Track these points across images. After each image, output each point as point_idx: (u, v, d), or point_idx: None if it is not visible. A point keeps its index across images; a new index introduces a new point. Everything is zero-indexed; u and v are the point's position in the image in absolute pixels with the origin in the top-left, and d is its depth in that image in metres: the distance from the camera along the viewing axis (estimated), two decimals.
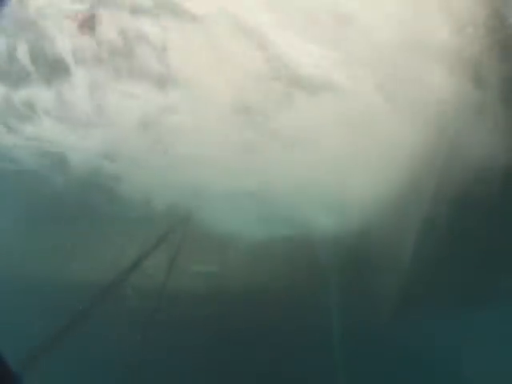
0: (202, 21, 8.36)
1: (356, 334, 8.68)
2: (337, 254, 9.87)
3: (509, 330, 8.13)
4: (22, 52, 8.91)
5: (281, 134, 8.99)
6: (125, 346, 8.35)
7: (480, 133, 7.74)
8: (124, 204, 9.36)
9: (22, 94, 9.23)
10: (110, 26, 8.53)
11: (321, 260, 10.30)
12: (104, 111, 9.04)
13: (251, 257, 10.25)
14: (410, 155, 8.44)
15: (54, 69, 8.97)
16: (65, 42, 8.75)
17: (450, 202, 7.85)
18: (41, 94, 9.18)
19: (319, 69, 8.41)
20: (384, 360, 8.46)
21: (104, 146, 9.30)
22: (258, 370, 8.79)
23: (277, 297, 9.67)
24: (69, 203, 9.58)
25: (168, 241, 9.14)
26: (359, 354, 8.55)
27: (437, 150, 8.09)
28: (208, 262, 10.32)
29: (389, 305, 8.86)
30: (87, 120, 9.21)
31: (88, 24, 8.57)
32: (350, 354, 8.68)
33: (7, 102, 9.24)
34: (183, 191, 9.43)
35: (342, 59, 8.18)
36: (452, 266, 8.18)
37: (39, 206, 9.72)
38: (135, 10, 8.49)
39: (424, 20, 7.61)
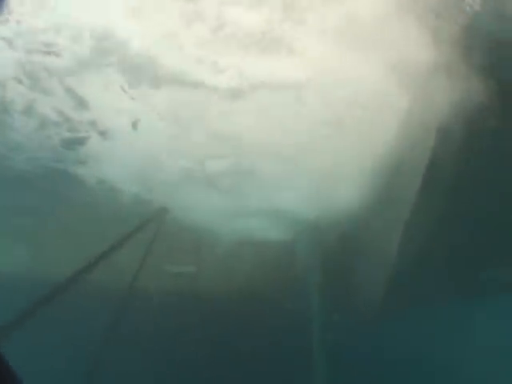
0: None
1: (337, 334, 8.32)
2: (318, 254, 9.62)
3: (495, 326, 7.96)
4: None
5: None
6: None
7: None
8: None
9: None
10: None
11: (300, 260, 10.02)
12: None
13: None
14: None
15: None
16: None
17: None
18: None
19: None
20: (366, 363, 8.10)
21: None
22: (237, 369, 8.25)
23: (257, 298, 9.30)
24: None
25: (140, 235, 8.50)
26: (340, 354, 8.17)
27: None
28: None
29: (373, 305, 8.54)
30: None
31: None
32: (330, 356, 8.32)
33: None
34: None
35: None
36: (434, 264, 7.97)
37: None
38: None
39: None
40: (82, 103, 8.28)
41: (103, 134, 8.66)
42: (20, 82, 7.94)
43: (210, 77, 7.89)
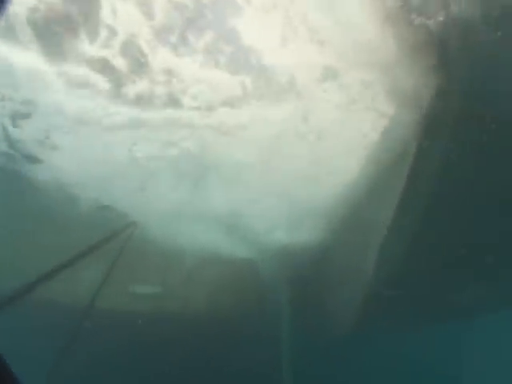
0: None
1: (308, 352, 8.11)
2: (288, 271, 9.45)
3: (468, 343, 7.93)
4: None
5: None
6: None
7: None
8: None
9: None
10: None
11: (266, 280, 9.80)
12: None
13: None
14: None
15: None
16: None
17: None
18: None
19: None
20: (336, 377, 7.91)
21: None
22: None
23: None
24: None
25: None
26: (311, 371, 7.95)
27: None
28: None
29: (344, 321, 8.37)
30: None
31: None
32: (301, 372, 8.08)
33: None
34: None
35: None
36: (410, 282, 7.89)
37: None
38: None
39: None
40: None
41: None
42: None
43: None
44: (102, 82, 7.15)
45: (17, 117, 7.57)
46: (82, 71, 6.94)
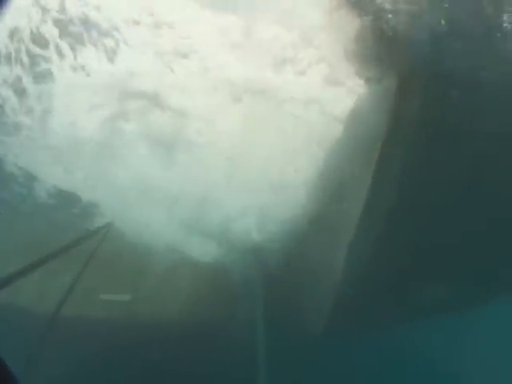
0: None
1: (281, 355, 8.04)
2: (257, 276, 9.40)
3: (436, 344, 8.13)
4: None
5: None
6: None
7: None
8: None
9: None
10: None
11: (239, 282, 9.73)
12: None
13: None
14: None
15: None
16: None
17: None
18: None
19: None
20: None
21: None
22: None
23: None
24: None
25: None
26: (281, 376, 7.89)
27: None
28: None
29: (317, 324, 8.40)
30: None
31: None
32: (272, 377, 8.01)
33: None
34: None
35: None
36: (379, 283, 8.02)
37: None
38: None
39: None
40: None
41: None
42: None
43: None
44: None
45: None
46: None
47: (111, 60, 8.46)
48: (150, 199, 9.36)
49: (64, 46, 8.23)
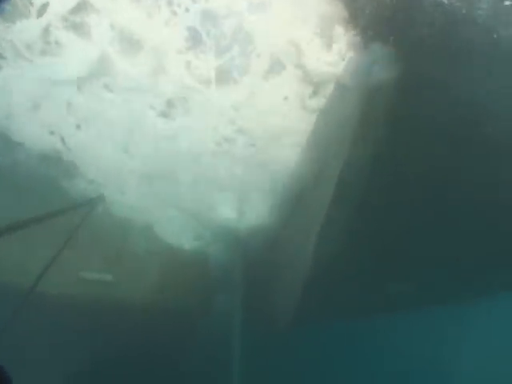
0: None
1: (253, 343, 8.23)
2: (234, 263, 9.52)
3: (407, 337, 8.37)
4: None
5: None
6: None
7: None
8: None
9: None
10: None
11: (214, 269, 9.80)
12: None
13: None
14: None
15: None
16: None
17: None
18: None
19: None
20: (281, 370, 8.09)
21: None
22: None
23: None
24: None
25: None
26: (256, 364, 8.08)
27: None
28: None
29: (286, 314, 8.59)
30: None
31: None
32: (246, 365, 8.18)
33: None
34: None
35: None
36: (349, 275, 8.26)
37: None
38: None
39: None
40: None
41: None
42: None
43: None
44: None
45: None
46: None
47: None
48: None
49: None
